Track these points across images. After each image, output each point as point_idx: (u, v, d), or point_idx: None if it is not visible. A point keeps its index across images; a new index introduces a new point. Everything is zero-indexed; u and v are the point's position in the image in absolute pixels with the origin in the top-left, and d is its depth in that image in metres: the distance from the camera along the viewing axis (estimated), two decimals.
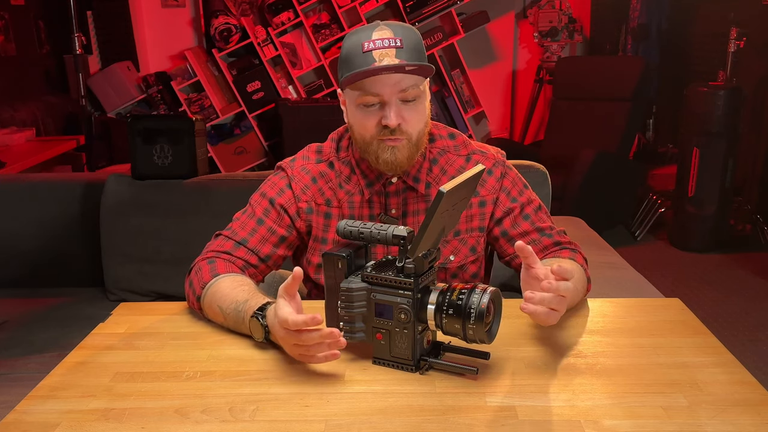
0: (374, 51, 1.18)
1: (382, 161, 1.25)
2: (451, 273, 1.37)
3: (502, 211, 1.35)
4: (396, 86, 1.19)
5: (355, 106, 1.24)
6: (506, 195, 1.35)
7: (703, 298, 3.12)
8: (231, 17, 4.75)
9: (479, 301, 0.95)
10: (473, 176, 0.98)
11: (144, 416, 0.93)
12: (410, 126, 1.23)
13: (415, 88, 1.21)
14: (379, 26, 1.21)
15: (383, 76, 1.18)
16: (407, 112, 1.22)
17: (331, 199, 1.35)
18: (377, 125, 1.22)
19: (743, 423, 0.88)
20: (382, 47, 1.18)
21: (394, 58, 1.18)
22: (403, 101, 1.21)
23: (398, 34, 1.19)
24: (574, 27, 4.81)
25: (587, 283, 1.31)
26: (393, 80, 1.19)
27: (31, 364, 1.72)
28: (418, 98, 1.23)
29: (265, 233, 1.33)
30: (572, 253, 1.32)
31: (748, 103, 3.68)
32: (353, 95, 1.23)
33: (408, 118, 1.22)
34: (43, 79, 4.61)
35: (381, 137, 1.23)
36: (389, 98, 1.20)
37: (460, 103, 5.02)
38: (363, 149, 1.27)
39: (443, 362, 1.02)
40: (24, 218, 2.20)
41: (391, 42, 1.18)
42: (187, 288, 1.28)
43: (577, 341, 1.13)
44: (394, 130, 1.21)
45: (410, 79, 1.20)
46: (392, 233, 1.00)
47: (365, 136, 1.25)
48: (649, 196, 4.02)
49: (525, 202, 1.36)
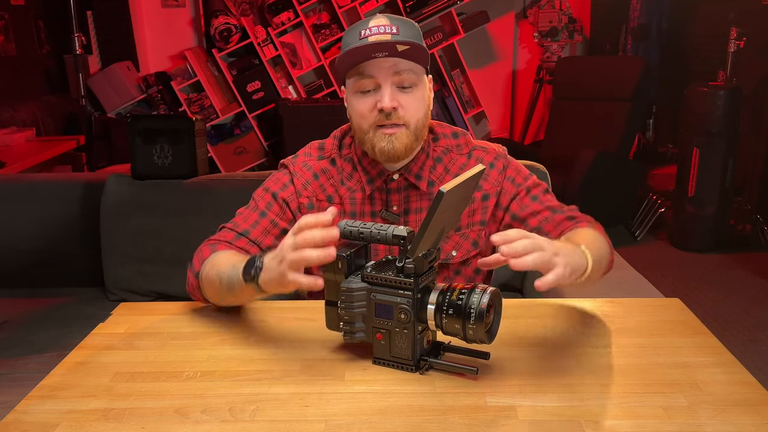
0: (370, 37, 1.20)
1: (379, 150, 1.24)
2: (454, 269, 1.37)
3: (509, 197, 1.34)
4: (390, 69, 1.20)
5: (353, 94, 1.25)
6: (511, 182, 1.35)
7: (703, 298, 3.12)
8: (231, 17, 4.75)
9: (479, 301, 0.95)
10: (473, 176, 0.98)
11: (144, 416, 0.93)
12: (407, 112, 1.23)
13: (410, 74, 1.22)
14: (376, 16, 1.23)
15: (378, 60, 1.20)
16: (403, 98, 1.23)
17: (332, 195, 1.35)
18: (373, 110, 1.23)
19: (743, 423, 0.88)
20: (378, 33, 1.20)
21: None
22: (399, 87, 1.22)
23: (395, 23, 1.22)
24: (574, 27, 4.81)
25: (610, 254, 1.26)
26: (388, 63, 1.20)
27: (31, 364, 1.72)
28: (415, 86, 1.23)
29: (267, 225, 1.34)
30: (590, 223, 1.29)
31: (748, 103, 3.68)
32: (351, 84, 1.25)
33: (405, 104, 1.23)
34: (43, 79, 4.61)
35: (378, 123, 1.23)
36: (384, 81, 1.21)
37: (460, 103, 5.02)
38: (361, 140, 1.28)
39: (443, 362, 1.02)
40: (24, 218, 2.20)
41: (387, 29, 1.20)
42: (188, 271, 1.28)
43: (578, 341, 1.13)
44: (390, 115, 1.22)
45: (406, 63, 1.21)
46: (392, 233, 1.00)
47: (363, 125, 1.25)
48: (649, 196, 4.02)
49: (531, 185, 1.35)
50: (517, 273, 1.55)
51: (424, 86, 1.27)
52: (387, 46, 1.18)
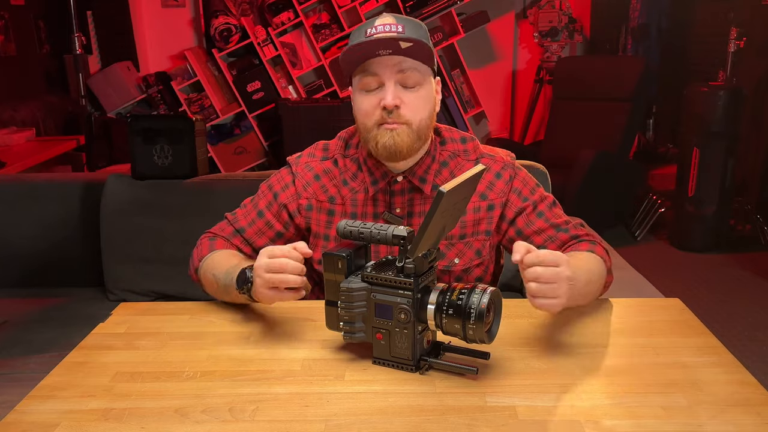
0: (375, 35, 1.20)
1: (381, 146, 1.24)
2: (456, 276, 1.36)
3: (514, 211, 1.33)
4: (394, 67, 1.20)
5: (358, 92, 1.26)
6: (517, 195, 1.34)
7: (703, 298, 3.12)
8: (231, 17, 4.75)
9: (479, 301, 0.95)
10: (473, 176, 0.98)
11: (144, 416, 0.93)
12: (410, 111, 1.23)
13: (414, 72, 1.22)
14: (384, 15, 1.23)
15: (383, 58, 1.20)
16: (407, 96, 1.22)
17: (334, 196, 1.35)
18: (377, 108, 1.23)
19: (743, 423, 0.88)
20: (383, 32, 1.20)
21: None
22: (403, 86, 1.22)
23: (401, 22, 1.22)
24: (574, 27, 4.81)
25: (606, 275, 1.27)
26: (392, 61, 1.20)
27: (31, 364, 1.72)
28: (419, 86, 1.23)
29: (262, 226, 1.38)
30: (591, 245, 1.30)
31: (748, 103, 3.68)
32: (356, 81, 1.26)
33: (408, 103, 1.22)
34: (43, 79, 4.61)
35: (381, 122, 1.23)
36: (387, 79, 1.21)
37: (460, 103, 5.02)
38: (365, 138, 1.28)
39: (443, 362, 1.02)
40: (24, 218, 2.20)
41: (393, 27, 1.21)
42: (190, 262, 1.39)
43: (577, 341, 1.13)
44: (392, 112, 1.21)
45: (410, 62, 1.21)
46: (392, 233, 1.00)
47: (367, 123, 1.25)
48: (649, 196, 4.02)
49: (538, 199, 1.34)
50: (517, 273, 1.55)
51: (429, 86, 1.26)
52: (390, 43, 1.18)
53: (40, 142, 3.86)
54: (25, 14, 4.41)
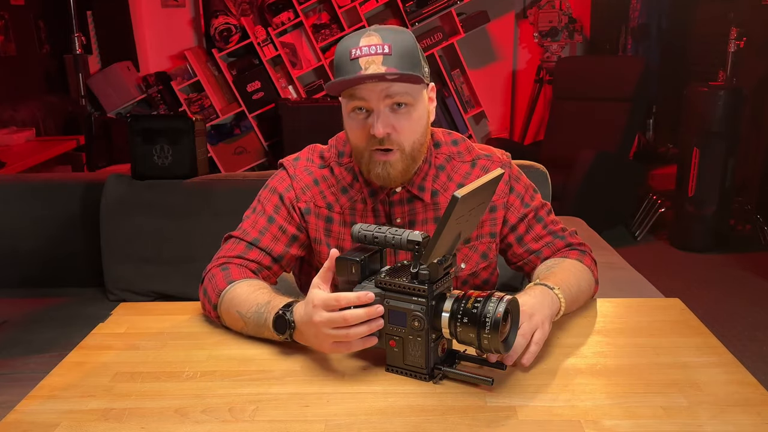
0: (360, 59, 1.14)
1: (374, 176, 1.21)
2: (462, 280, 1.35)
3: (517, 217, 1.33)
4: (382, 92, 1.15)
5: (347, 114, 1.21)
6: (520, 200, 1.33)
7: (703, 298, 3.12)
8: (231, 17, 4.75)
9: (495, 310, 0.92)
10: (491, 181, 0.96)
11: (144, 416, 0.93)
12: (402, 136, 1.18)
13: (405, 96, 1.16)
14: (368, 32, 1.17)
15: (369, 84, 1.14)
16: (398, 120, 1.17)
17: (332, 203, 1.31)
18: (367, 135, 1.18)
19: (743, 423, 0.88)
20: (368, 54, 1.14)
21: (380, 65, 1.13)
22: (392, 109, 1.17)
23: (387, 40, 1.15)
24: (574, 27, 4.80)
25: (594, 285, 1.30)
26: (380, 87, 1.14)
27: (31, 364, 1.72)
28: (410, 106, 1.17)
29: (276, 232, 1.30)
30: (580, 254, 1.31)
31: (748, 103, 3.68)
32: (344, 102, 1.21)
33: (399, 127, 1.17)
34: (43, 79, 4.61)
35: (372, 148, 1.19)
36: (376, 105, 1.15)
37: (460, 103, 5.02)
38: (357, 159, 1.25)
39: (458, 371, 0.99)
40: (24, 218, 2.20)
41: (378, 49, 1.14)
42: (201, 297, 1.25)
43: (577, 341, 1.13)
44: (383, 140, 1.17)
45: (399, 86, 1.15)
46: (407, 238, 0.97)
47: (358, 145, 1.22)
48: (649, 196, 4.02)
49: (538, 206, 1.34)
50: (517, 273, 1.55)
51: (421, 104, 1.20)
52: (376, 77, 1.12)
53: (40, 142, 3.86)
54: (25, 14, 4.41)
